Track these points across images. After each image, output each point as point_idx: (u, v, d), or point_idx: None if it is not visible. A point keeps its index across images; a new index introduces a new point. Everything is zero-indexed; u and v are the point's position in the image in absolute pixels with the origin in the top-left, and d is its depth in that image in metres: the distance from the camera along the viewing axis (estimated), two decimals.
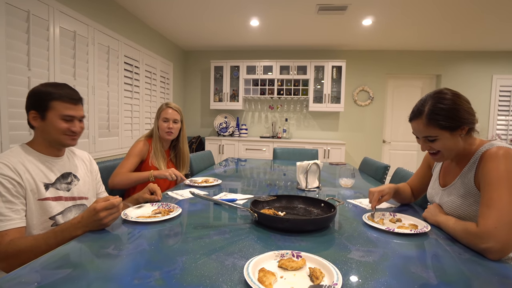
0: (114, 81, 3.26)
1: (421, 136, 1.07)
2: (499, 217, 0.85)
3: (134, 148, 1.78)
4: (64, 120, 1.12)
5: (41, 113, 1.09)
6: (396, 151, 5.13)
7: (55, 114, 1.10)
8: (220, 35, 4.37)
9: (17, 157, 1.06)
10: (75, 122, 1.15)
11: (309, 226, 1.00)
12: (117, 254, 0.78)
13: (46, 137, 1.13)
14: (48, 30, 2.36)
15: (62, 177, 1.17)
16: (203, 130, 5.37)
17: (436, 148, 1.06)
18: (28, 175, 1.05)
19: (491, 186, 0.91)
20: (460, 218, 1.02)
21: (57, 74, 2.44)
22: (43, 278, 0.65)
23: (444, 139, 1.02)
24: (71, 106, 1.13)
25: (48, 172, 1.12)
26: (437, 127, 1.01)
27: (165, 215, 1.09)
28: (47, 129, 1.11)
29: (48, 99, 1.09)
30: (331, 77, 4.69)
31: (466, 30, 3.86)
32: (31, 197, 1.04)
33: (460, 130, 1.01)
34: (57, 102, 1.10)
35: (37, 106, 1.09)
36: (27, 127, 2.21)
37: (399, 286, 0.66)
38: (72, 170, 1.22)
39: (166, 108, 1.87)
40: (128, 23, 3.54)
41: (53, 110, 1.10)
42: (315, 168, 1.72)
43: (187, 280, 0.66)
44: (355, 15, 3.47)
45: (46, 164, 1.13)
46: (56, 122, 1.10)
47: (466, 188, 1.03)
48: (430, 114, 1.01)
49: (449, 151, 1.05)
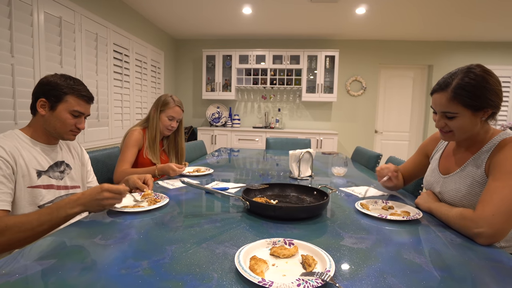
0: (103, 70, 3.17)
1: (441, 110, 0.98)
2: (499, 205, 0.83)
3: (130, 138, 1.72)
4: (72, 115, 1.13)
5: (51, 103, 1.10)
6: (387, 141, 5.17)
7: (66, 108, 1.11)
8: (212, 23, 4.29)
9: (12, 141, 1.05)
10: (82, 119, 1.17)
11: (302, 214, 0.99)
12: (104, 244, 0.76)
13: (48, 127, 1.12)
14: (32, 15, 2.27)
15: (56, 165, 1.16)
16: (195, 120, 5.32)
17: (452, 127, 0.98)
18: (21, 160, 1.03)
19: (499, 175, 0.88)
20: (464, 207, 0.97)
21: (42, 62, 2.36)
22: (25, 269, 0.63)
23: (464, 118, 0.94)
24: (83, 104, 1.16)
25: (42, 159, 1.11)
26: (460, 104, 0.93)
27: (151, 205, 1.06)
28: (53, 120, 1.11)
29: (65, 92, 1.11)
30: (324, 67, 4.66)
31: (458, 20, 3.85)
32: (22, 184, 1.02)
33: (482, 112, 0.94)
34: (73, 97, 1.12)
35: (50, 96, 1.10)
36: (11, 115, 2.15)
37: (391, 272, 0.66)
38: (65, 159, 1.22)
39: (175, 106, 1.80)
40: (117, 9, 3.43)
41: (65, 103, 1.11)
42: (308, 156, 1.71)
43: (176, 269, 0.64)
44: (348, 4, 3.43)
45: (40, 151, 1.12)
46: (65, 116, 1.11)
47: (474, 176, 0.98)
48: (457, 88, 0.92)
49: (463, 133, 0.98)
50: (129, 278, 0.60)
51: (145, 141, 1.77)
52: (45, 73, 2.38)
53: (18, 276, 0.60)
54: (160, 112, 1.79)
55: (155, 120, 1.79)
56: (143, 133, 1.79)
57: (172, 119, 1.81)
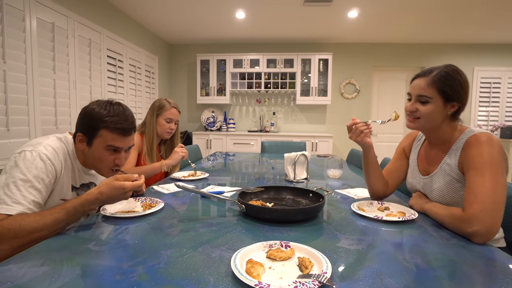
0: (97, 75, 3.16)
1: (416, 93, 1.06)
2: (484, 201, 0.86)
3: None
4: (109, 151, 1.04)
5: (88, 138, 1.03)
6: (381, 143, 5.20)
7: (102, 143, 1.03)
8: (206, 27, 4.30)
9: (65, 149, 1.06)
10: (121, 154, 1.07)
11: (298, 216, 0.99)
12: (98, 250, 0.75)
13: (87, 161, 1.10)
14: (24, 21, 2.25)
15: (87, 185, 1.17)
16: (190, 125, 5.30)
17: (421, 113, 1.05)
18: (64, 172, 1.04)
19: (476, 171, 0.91)
20: (448, 205, 1.02)
21: (35, 68, 2.34)
22: (18, 276, 0.61)
23: (435, 105, 1.02)
24: (120, 138, 1.04)
25: (79, 177, 1.12)
26: (436, 89, 1.01)
27: (146, 210, 1.06)
28: (91, 157, 1.06)
29: (98, 126, 1.01)
30: (318, 70, 4.69)
31: (448, 23, 3.91)
32: (56, 193, 1.02)
33: (451, 105, 1.02)
34: (106, 130, 1.01)
35: (86, 130, 1.03)
36: (3, 122, 2.12)
37: (388, 272, 0.66)
38: (95, 181, 1.23)
39: (171, 108, 1.81)
40: (111, 15, 3.43)
41: (100, 138, 1.02)
42: (303, 159, 1.71)
43: (172, 273, 0.64)
44: (340, 7, 3.46)
45: (80, 169, 1.12)
46: (101, 153, 1.03)
47: (451, 174, 1.03)
48: (437, 75, 1.02)
49: (429, 121, 1.05)
50: (124, 283, 0.59)
51: (143, 146, 1.77)
52: (38, 79, 2.38)
53: (10, 284, 0.58)
54: (157, 116, 1.79)
55: (152, 125, 1.79)
56: (141, 138, 1.78)
57: (170, 121, 1.81)
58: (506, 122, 4.83)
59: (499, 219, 0.86)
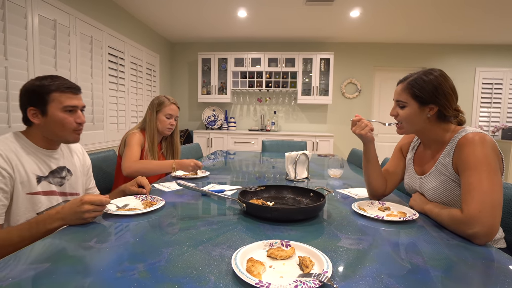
0: (98, 73, 3.16)
1: (395, 99, 1.12)
2: (481, 201, 0.86)
3: (133, 138, 1.70)
4: (67, 112, 1.06)
5: (41, 108, 1.03)
6: (382, 143, 5.19)
7: (57, 107, 1.04)
8: (208, 26, 4.29)
9: (10, 145, 1.00)
10: (78, 113, 1.09)
11: (298, 216, 0.99)
12: (99, 247, 0.75)
13: (48, 134, 1.07)
14: (26, 18, 2.25)
15: (56, 171, 1.11)
16: (191, 123, 5.30)
17: (401, 116, 1.10)
18: (20, 166, 0.99)
19: (470, 171, 0.91)
20: (445, 204, 1.03)
21: (36, 65, 2.34)
22: (18, 273, 0.61)
23: (411, 109, 1.06)
24: (72, 96, 1.07)
25: (42, 164, 1.07)
26: (410, 95, 1.06)
27: (147, 207, 1.06)
28: (50, 125, 1.04)
29: (46, 92, 1.02)
30: (319, 70, 4.68)
31: (451, 24, 3.90)
32: (20, 190, 0.98)
33: (428, 108, 1.04)
34: (57, 93, 1.04)
35: (35, 102, 1.02)
36: (5, 119, 2.12)
37: (388, 272, 0.66)
38: (67, 164, 1.17)
39: (171, 104, 1.82)
40: (112, 13, 3.42)
41: (53, 102, 1.03)
42: (304, 158, 1.71)
43: (173, 271, 0.64)
44: (342, 6, 3.46)
45: (41, 156, 1.07)
46: (60, 116, 1.04)
47: (446, 173, 1.03)
48: (411, 81, 1.06)
49: (410, 124, 1.09)
50: (124, 281, 0.59)
51: (145, 143, 1.77)
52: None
53: (11, 281, 0.58)
54: (157, 112, 1.80)
55: (153, 122, 1.80)
56: (143, 135, 1.78)
57: (170, 117, 1.82)
58: (508, 123, 4.82)
59: (497, 218, 0.86)
